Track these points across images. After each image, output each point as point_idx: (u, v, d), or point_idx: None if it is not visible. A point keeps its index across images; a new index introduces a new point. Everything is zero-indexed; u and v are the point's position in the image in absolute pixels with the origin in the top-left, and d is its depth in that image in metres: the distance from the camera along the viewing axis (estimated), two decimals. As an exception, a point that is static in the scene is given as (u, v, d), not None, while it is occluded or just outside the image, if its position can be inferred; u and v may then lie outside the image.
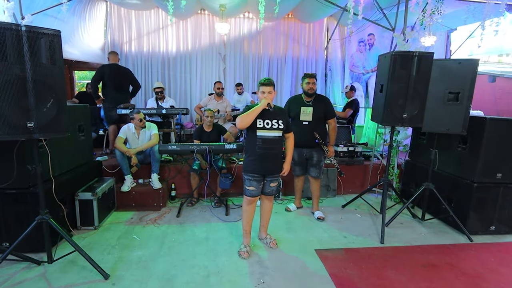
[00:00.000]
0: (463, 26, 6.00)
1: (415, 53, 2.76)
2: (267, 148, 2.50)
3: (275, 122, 2.52)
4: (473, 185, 3.04)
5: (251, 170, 2.55)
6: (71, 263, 2.44)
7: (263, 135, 2.49)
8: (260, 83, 2.54)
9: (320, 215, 3.43)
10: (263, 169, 2.55)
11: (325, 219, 3.42)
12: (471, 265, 2.60)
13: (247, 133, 2.59)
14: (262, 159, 2.51)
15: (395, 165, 4.07)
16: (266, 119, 2.50)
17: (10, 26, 1.85)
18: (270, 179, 2.62)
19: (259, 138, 2.49)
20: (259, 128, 2.49)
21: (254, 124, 2.47)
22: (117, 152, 3.59)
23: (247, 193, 2.61)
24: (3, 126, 1.90)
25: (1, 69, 1.84)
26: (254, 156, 2.53)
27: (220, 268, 2.45)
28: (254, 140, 2.50)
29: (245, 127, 2.48)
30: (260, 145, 2.49)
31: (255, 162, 2.52)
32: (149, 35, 6.60)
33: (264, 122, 2.49)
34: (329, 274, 2.40)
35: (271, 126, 2.50)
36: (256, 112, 2.44)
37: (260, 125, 2.48)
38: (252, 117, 2.43)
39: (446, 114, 2.95)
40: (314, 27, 7.20)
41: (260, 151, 2.50)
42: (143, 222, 3.30)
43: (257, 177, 2.55)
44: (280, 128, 2.53)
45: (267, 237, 2.82)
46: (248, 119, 2.43)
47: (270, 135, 2.50)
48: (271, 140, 2.51)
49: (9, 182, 2.38)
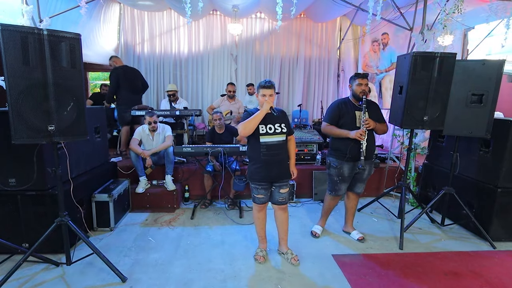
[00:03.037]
0: (481, 24, 5.82)
1: (437, 54, 2.67)
2: (273, 154, 2.38)
3: (278, 126, 2.40)
4: (497, 190, 2.93)
5: (258, 179, 2.43)
6: (89, 265, 2.45)
7: (267, 141, 2.37)
8: (260, 85, 2.37)
9: (360, 236, 2.99)
10: (270, 176, 2.43)
11: (339, 224, 3.33)
12: (496, 273, 2.50)
13: (249, 140, 2.46)
14: (268, 166, 2.39)
15: (412, 168, 3.98)
16: (268, 124, 2.37)
17: (33, 31, 1.87)
18: (279, 185, 2.47)
19: (263, 144, 2.37)
20: (262, 134, 2.36)
21: (256, 130, 2.34)
22: (132, 153, 3.61)
23: (257, 201, 2.52)
24: (25, 129, 1.92)
25: (24, 74, 1.86)
26: (259, 163, 2.40)
27: (236, 272, 2.42)
28: (258, 147, 2.38)
29: (248, 134, 2.35)
30: (264, 151, 2.37)
31: (261, 169, 2.40)
32: (162, 36, 6.63)
33: (266, 127, 2.37)
34: (347, 280, 2.34)
35: (274, 130, 2.39)
36: (259, 117, 2.31)
37: (263, 131, 2.36)
38: (255, 123, 2.31)
39: (468, 116, 2.85)
40: (327, 27, 7.10)
41: (265, 158, 2.37)
42: (158, 223, 3.31)
43: (264, 185, 2.45)
44: (283, 132, 2.42)
45: (288, 252, 2.62)
46: (251, 126, 2.31)
47: (274, 140, 2.39)
48: (276, 146, 2.39)
49: (29, 184, 2.42)
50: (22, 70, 1.85)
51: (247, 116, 2.39)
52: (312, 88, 7.21)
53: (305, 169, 4.09)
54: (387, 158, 4.34)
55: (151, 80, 6.71)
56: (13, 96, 1.85)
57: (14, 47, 1.81)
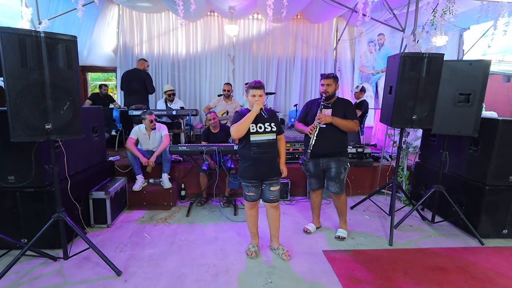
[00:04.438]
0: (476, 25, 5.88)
1: (425, 55, 2.73)
2: (262, 152, 2.46)
3: (267, 125, 2.48)
4: (485, 188, 2.99)
5: (248, 176, 2.52)
6: (85, 260, 2.53)
7: (257, 139, 2.46)
8: (250, 86, 2.44)
9: (340, 234, 3.01)
10: (260, 173, 2.51)
11: (333, 220, 3.42)
12: (482, 269, 2.56)
13: (240, 139, 2.52)
14: (257, 163, 2.47)
15: (404, 166, 4.04)
16: (258, 123, 2.46)
17: (30, 33, 1.94)
18: (269, 182, 2.54)
19: (253, 143, 2.45)
20: (252, 133, 2.45)
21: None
22: (128, 152, 3.68)
23: (248, 199, 2.60)
24: (24, 128, 2.00)
25: (21, 75, 1.93)
26: (249, 161, 2.49)
27: (228, 267, 2.49)
28: (248, 146, 2.47)
29: (240, 136, 2.44)
30: (255, 150, 2.45)
31: (251, 167, 2.49)
32: (160, 37, 6.72)
33: (256, 126, 2.46)
34: (336, 275, 2.41)
35: (264, 129, 2.47)
36: (250, 119, 2.39)
37: (253, 130, 2.45)
38: (247, 125, 2.40)
39: (457, 115, 2.92)
40: (323, 28, 7.18)
41: (255, 156, 2.46)
42: (153, 221, 3.38)
43: (254, 182, 2.53)
44: (273, 131, 2.50)
45: (279, 248, 2.69)
46: (243, 127, 2.39)
47: (264, 138, 2.47)
48: (266, 144, 2.47)
49: (28, 181, 2.50)
50: (20, 71, 1.93)
51: (238, 117, 2.46)
52: (309, 88, 7.29)
53: (299, 168, 4.14)
54: (380, 157, 4.40)
55: (150, 80, 6.79)
56: (11, 96, 1.93)
57: (12, 49, 1.89)
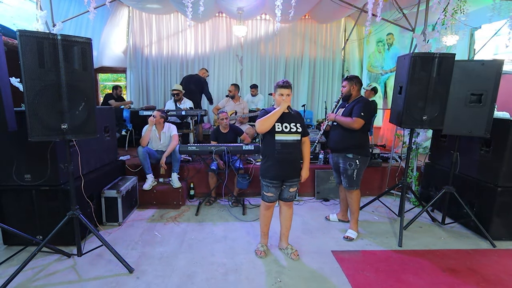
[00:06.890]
0: (488, 24, 5.78)
1: (436, 55, 2.71)
2: (286, 152, 2.43)
3: (293, 126, 2.45)
4: (497, 189, 2.95)
5: (270, 176, 2.48)
6: (98, 257, 2.59)
7: (282, 139, 2.43)
8: (278, 85, 2.46)
9: (349, 235, 3.01)
10: (282, 174, 2.48)
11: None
12: (494, 271, 2.53)
13: (264, 137, 2.51)
14: (281, 164, 2.45)
15: (414, 167, 4.01)
16: (284, 122, 2.44)
17: (48, 36, 2.00)
18: (289, 183, 2.54)
19: (278, 142, 2.42)
20: (277, 132, 2.42)
21: (272, 128, 2.41)
22: (139, 152, 3.74)
23: (266, 199, 2.58)
24: (41, 127, 2.06)
25: (39, 76, 1.99)
26: (272, 161, 2.46)
27: (238, 266, 2.52)
28: (273, 145, 2.43)
29: (265, 131, 2.41)
30: (279, 149, 2.42)
31: (274, 167, 2.46)
32: (169, 38, 6.80)
33: (282, 126, 2.43)
34: (345, 275, 2.41)
35: (289, 129, 2.44)
36: (276, 115, 2.38)
37: (279, 129, 2.42)
38: (273, 120, 2.38)
39: (468, 116, 2.88)
40: (331, 28, 7.16)
41: (279, 156, 2.43)
42: (163, 219, 3.43)
43: (275, 183, 2.50)
44: (298, 132, 2.47)
45: (288, 248, 2.69)
46: (269, 123, 2.38)
47: (289, 139, 2.44)
48: (290, 144, 2.45)
49: (43, 179, 2.57)
50: (38, 73, 1.99)
51: (264, 114, 2.45)
52: (316, 88, 7.27)
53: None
54: (389, 158, 4.37)
55: (159, 81, 6.89)
56: (29, 96, 1.99)
57: (30, 51, 1.95)
